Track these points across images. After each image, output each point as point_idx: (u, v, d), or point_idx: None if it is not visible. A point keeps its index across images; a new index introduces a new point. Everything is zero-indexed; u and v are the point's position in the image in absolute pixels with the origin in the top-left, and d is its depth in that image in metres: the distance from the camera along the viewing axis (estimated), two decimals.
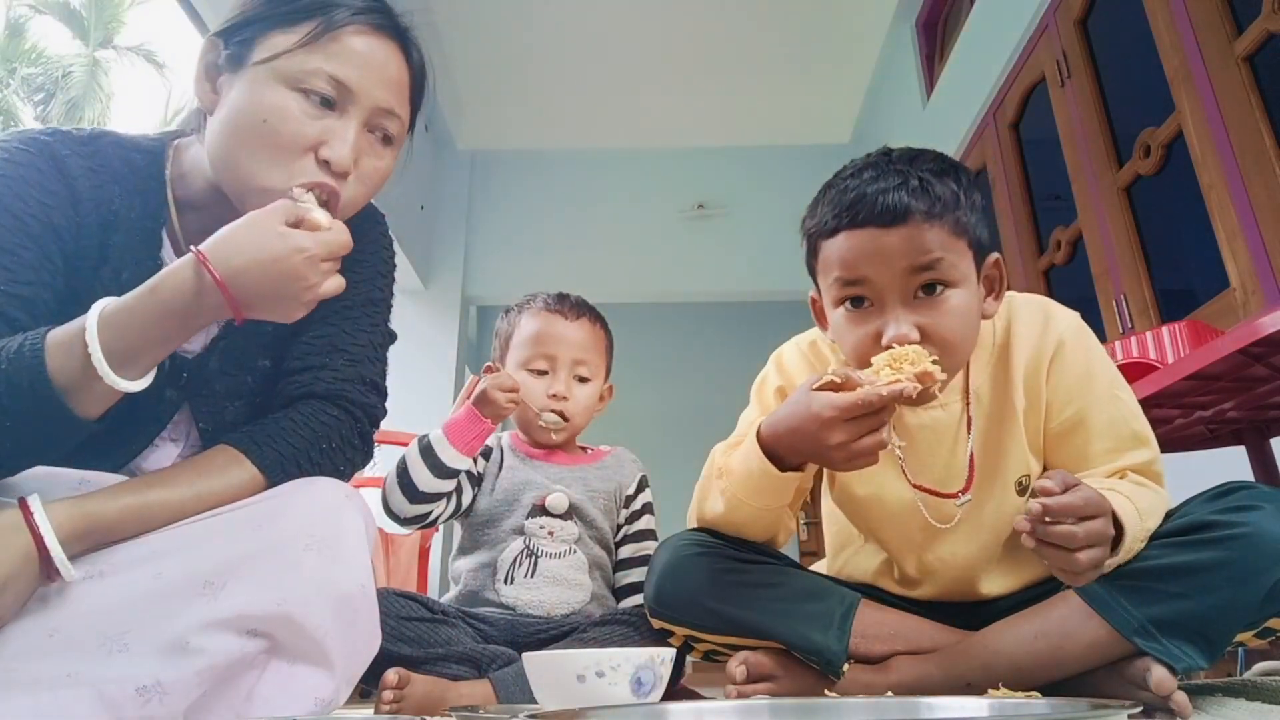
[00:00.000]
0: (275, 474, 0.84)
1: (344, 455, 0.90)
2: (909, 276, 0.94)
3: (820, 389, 0.89)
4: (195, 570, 0.74)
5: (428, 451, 1.30)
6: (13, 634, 0.71)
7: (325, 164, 0.85)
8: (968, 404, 1.05)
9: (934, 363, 0.88)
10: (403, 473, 1.31)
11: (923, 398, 0.87)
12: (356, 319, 0.98)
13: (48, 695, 0.69)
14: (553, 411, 1.44)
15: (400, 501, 1.31)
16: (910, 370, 0.86)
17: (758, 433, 0.99)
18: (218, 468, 0.83)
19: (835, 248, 0.98)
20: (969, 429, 1.05)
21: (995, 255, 1.02)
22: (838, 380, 0.88)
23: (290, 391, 0.91)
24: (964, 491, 1.04)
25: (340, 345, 0.95)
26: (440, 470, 1.30)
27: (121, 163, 0.90)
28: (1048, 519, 0.78)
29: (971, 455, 1.04)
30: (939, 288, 0.94)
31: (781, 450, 0.97)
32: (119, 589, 0.73)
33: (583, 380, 1.49)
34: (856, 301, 0.98)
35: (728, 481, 1.04)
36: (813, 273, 1.06)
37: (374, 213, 1.04)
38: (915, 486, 1.05)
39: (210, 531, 0.77)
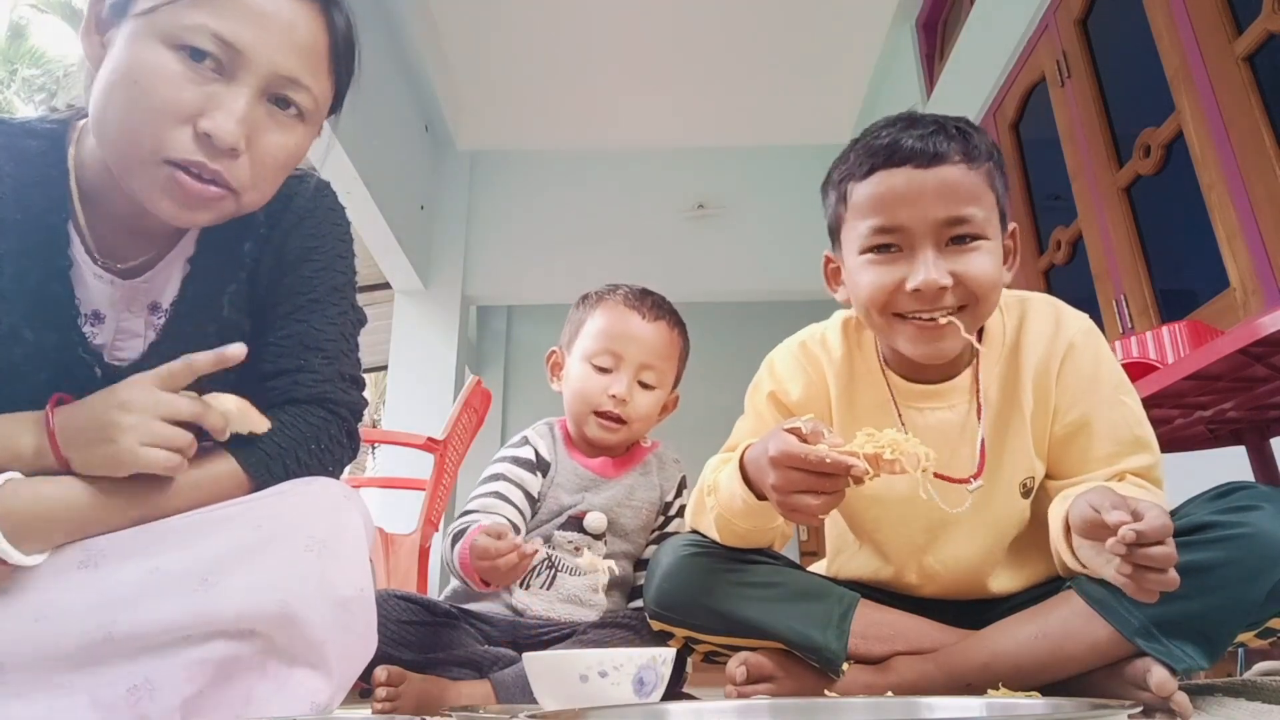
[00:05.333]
0: (259, 473, 0.80)
1: (332, 455, 0.86)
2: (944, 225, 0.92)
3: (788, 430, 0.87)
4: (191, 566, 0.73)
5: (461, 578, 1.23)
6: (4, 623, 0.70)
7: (206, 137, 0.73)
8: (978, 399, 1.05)
9: (911, 451, 0.83)
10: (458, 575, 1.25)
11: (885, 468, 0.82)
12: (324, 310, 0.89)
13: (43, 701, 0.69)
14: (607, 416, 1.36)
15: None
16: (870, 449, 0.82)
17: (741, 457, 0.98)
18: (198, 460, 0.78)
19: (869, 189, 0.95)
20: (979, 418, 1.04)
21: (1013, 225, 1.02)
22: (804, 430, 0.86)
23: (270, 399, 0.85)
24: (975, 477, 1.03)
25: (313, 343, 0.88)
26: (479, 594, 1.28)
27: (8, 154, 0.80)
28: (1140, 544, 0.73)
29: (982, 443, 1.03)
30: (970, 239, 0.93)
31: (751, 478, 0.96)
32: (112, 580, 0.73)
33: (646, 387, 1.39)
34: (883, 248, 0.95)
35: (715, 499, 1.03)
36: (835, 229, 1.03)
37: (321, 186, 0.94)
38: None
39: (207, 527, 0.76)
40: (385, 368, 4.73)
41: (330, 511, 0.79)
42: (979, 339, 1.06)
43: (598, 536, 1.36)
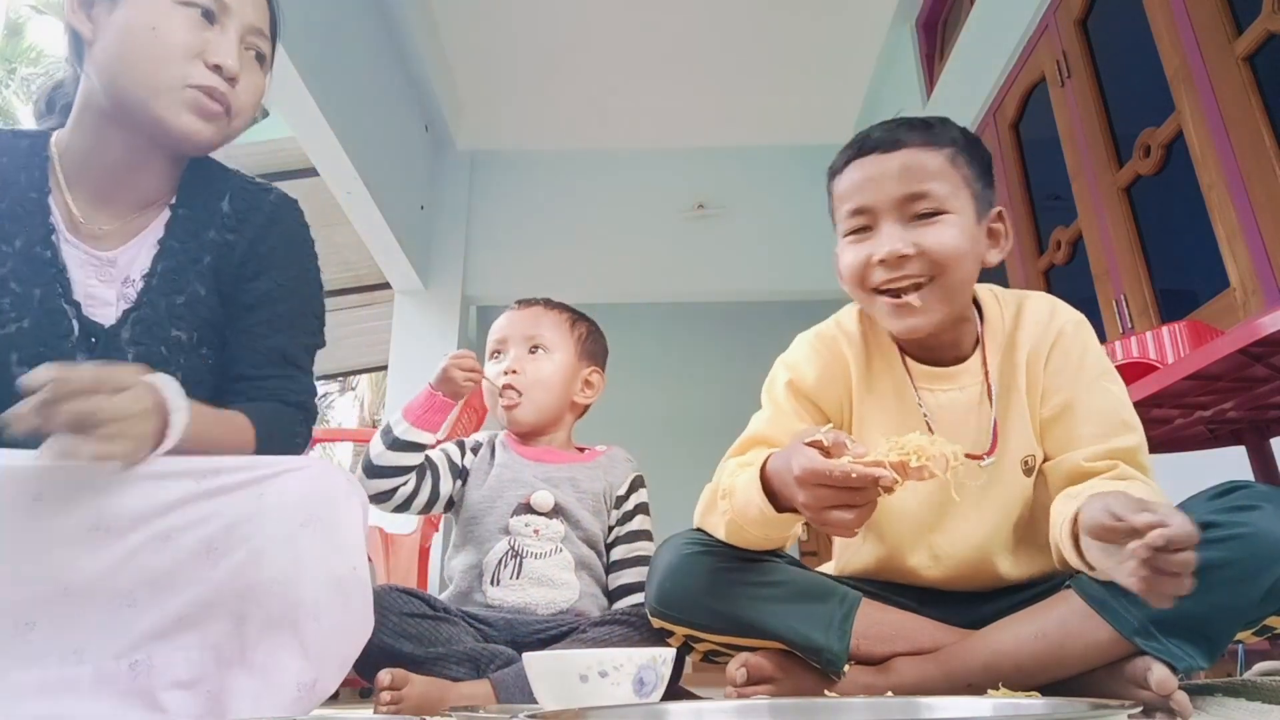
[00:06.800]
0: (260, 424, 0.96)
1: (296, 445, 1.02)
2: (904, 200, 1.01)
3: (809, 444, 0.87)
4: (199, 534, 0.79)
5: (385, 429, 1.39)
6: (31, 584, 0.75)
7: (216, 69, 0.96)
8: (987, 381, 1.08)
9: (941, 455, 0.82)
10: (365, 454, 1.39)
11: (913, 475, 0.82)
12: (300, 326, 1.06)
13: (55, 669, 0.74)
14: (507, 388, 1.48)
15: (360, 477, 1.37)
16: (895, 457, 0.81)
17: (763, 466, 0.97)
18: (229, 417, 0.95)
19: (844, 180, 1.07)
20: (990, 400, 1.07)
21: (999, 208, 1.08)
22: (825, 443, 0.86)
23: (254, 394, 1.00)
24: (988, 454, 1.06)
25: (293, 358, 1.04)
26: (393, 443, 1.37)
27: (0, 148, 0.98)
28: (1167, 550, 0.71)
29: (995, 422, 1.07)
30: (932, 214, 1.01)
31: (776, 491, 0.96)
32: (127, 547, 0.78)
33: (537, 350, 1.51)
34: (859, 230, 1.04)
35: (729, 504, 1.02)
36: (835, 224, 1.11)
37: (287, 200, 1.10)
38: None
39: (214, 494, 0.82)
40: (385, 368, 4.73)
41: (331, 493, 0.85)
42: (980, 324, 1.11)
43: (550, 514, 1.40)
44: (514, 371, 1.49)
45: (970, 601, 1.08)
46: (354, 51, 3.56)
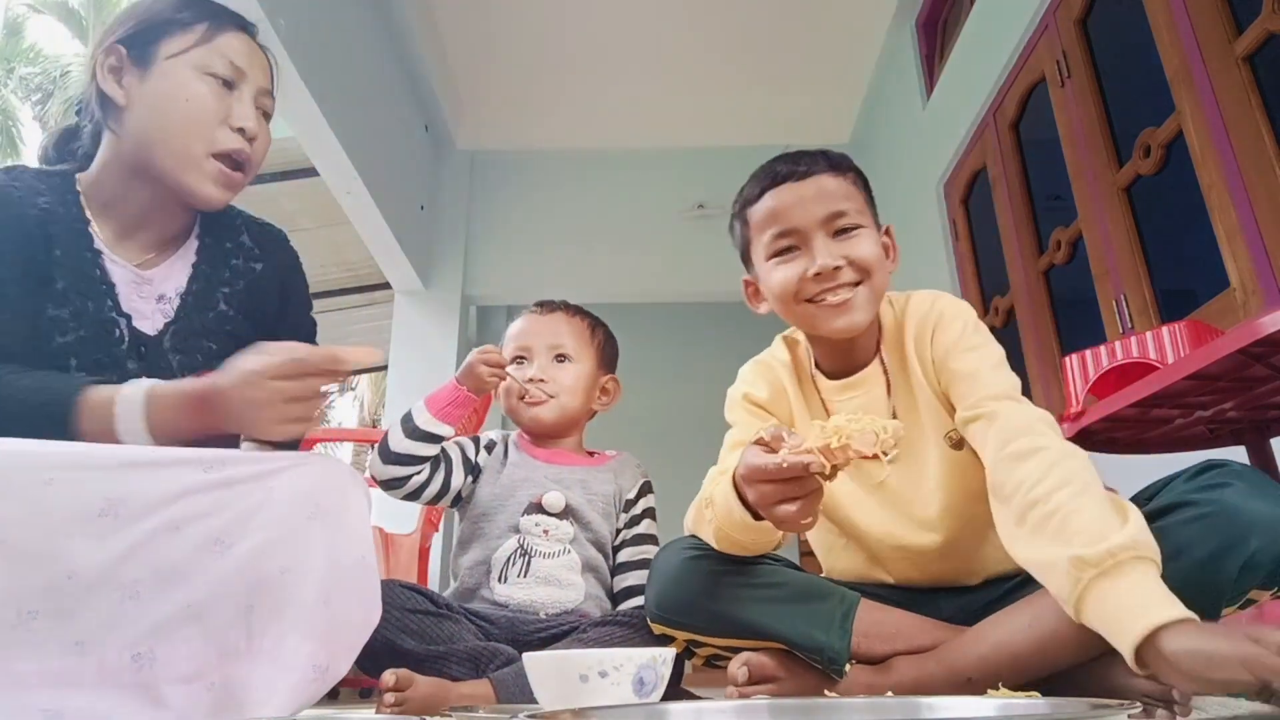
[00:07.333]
0: None
1: None
2: (827, 219, 1.10)
3: (754, 442, 0.90)
4: (208, 526, 0.81)
5: (405, 416, 1.40)
6: (36, 569, 0.76)
7: (240, 131, 1.08)
8: (886, 378, 1.15)
9: (872, 441, 0.83)
10: (383, 438, 1.41)
11: (836, 456, 0.83)
12: (309, 329, 1.30)
13: (56, 660, 0.74)
14: (533, 385, 1.49)
15: (375, 462, 1.39)
16: (820, 442, 0.82)
17: (734, 475, 0.98)
18: None
19: (763, 208, 1.14)
20: (889, 395, 1.15)
21: (888, 225, 1.20)
22: (765, 437, 0.89)
23: None
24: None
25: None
26: (412, 431, 1.39)
27: (37, 178, 1.08)
28: None
29: (893, 413, 1.14)
30: (851, 228, 1.11)
31: (744, 496, 0.96)
32: (135, 536, 0.79)
33: (561, 359, 1.52)
34: (785, 251, 1.12)
35: (713, 513, 1.03)
36: (745, 253, 1.22)
37: (282, 233, 1.27)
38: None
39: (224, 486, 0.84)
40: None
41: (337, 486, 0.88)
42: (879, 331, 1.18)
43: (560, 515, 1.41)
44: (541, 380, 1.50)
45: (963, 594, 1.09)
46: (354, 51, 3.56)
